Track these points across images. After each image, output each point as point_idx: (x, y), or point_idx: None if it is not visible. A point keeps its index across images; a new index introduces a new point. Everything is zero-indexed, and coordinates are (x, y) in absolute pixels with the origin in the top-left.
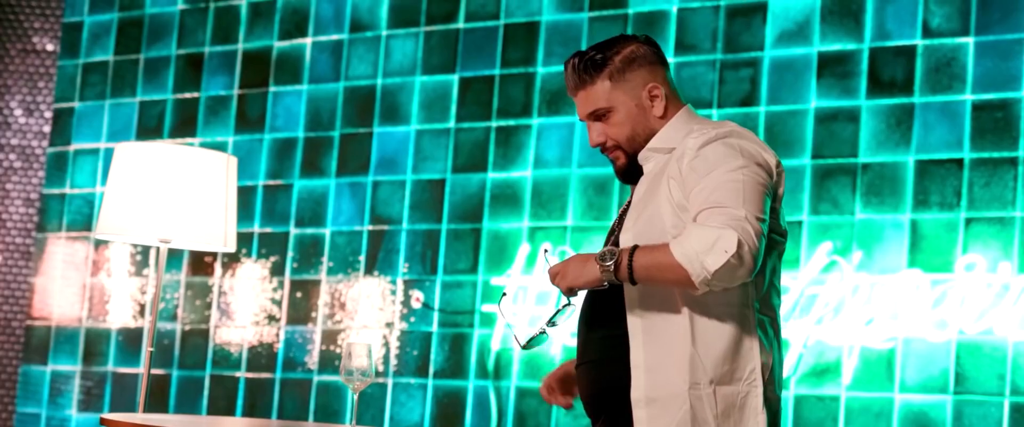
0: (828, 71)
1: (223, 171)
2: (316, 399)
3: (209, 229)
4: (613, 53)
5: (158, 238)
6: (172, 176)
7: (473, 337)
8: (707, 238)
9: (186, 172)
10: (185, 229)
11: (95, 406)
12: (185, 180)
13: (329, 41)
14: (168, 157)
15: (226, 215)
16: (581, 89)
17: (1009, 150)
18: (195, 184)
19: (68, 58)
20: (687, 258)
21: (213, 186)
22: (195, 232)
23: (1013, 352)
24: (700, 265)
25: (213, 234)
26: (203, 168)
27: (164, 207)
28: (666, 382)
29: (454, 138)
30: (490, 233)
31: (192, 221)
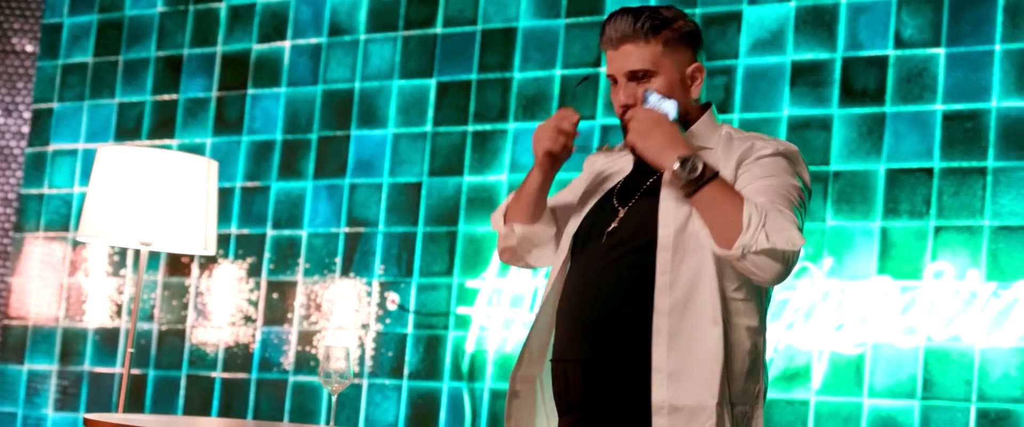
0: (801, 80)
1: (204, 175)
2: (292, 399)
3: (189, 232)
4: (675, 20)
5: (139, 241)
6: (153, 179)
7: (448, 339)
8: (782, 223)
9: (167, 175)
10: (166, 232)
11: (71, 405)
12: (166, 183)
13: (308, 44)
14: (150, 160)
15: (206, 218)
16: (631, 43)
17: (978, 160)
18: (176, 188)
19: (47, 59)
20: (751, 220)
21: (194, 190)
22: (175, 235)
23: (980, 359)
24: (760, 233)
25: (193, 237)
26: (184, 172)
27: (145, 210)
28: (694, 392)
29: (431, 142)
30: (466, 236)
31: (173, 224)
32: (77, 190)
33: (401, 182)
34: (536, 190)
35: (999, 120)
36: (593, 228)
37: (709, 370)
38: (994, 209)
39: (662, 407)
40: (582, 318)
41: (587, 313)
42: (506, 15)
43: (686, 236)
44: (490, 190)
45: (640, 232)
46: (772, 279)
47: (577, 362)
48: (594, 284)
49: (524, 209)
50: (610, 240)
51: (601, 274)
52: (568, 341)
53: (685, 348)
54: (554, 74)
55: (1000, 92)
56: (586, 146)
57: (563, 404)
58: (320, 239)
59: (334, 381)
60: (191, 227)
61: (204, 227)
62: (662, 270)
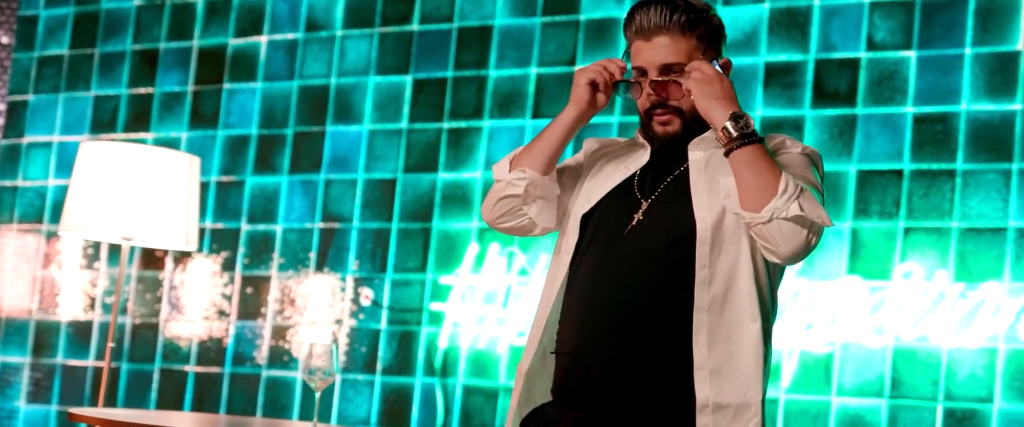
0: (774, 81)
1: (186, 171)
2: (265, 394)
3: (171, 227)
4: (708, 13)
5: (120, 236)
6: (135, 175)
7: (421, 335)
8: (815, 201)
9: (149, 171)
10: (147, 227)
11: (44, 398)
12: (148, 179)
13: (284, 40)
14: (131, 156)
15: (188, 214)
16: (666, 35)
17: (947, 162)
18: (158, 183)
19: (23, 51)
20: (788, 188)
21: (176, 185)
22: (157, 230)
23: (947, 358)
24: (793, 203)
25: (175, 232)
26: (166, 168)
27: (127, 205)
28: (738, 390)
29: (406, 138)
30: (440, 233)
31: (154, 219)
32: (52, 183)
33: (376, 178)
34: (566, 129)
35: (968, 123)
36: (611, 217)
37: (751, 367)
38: (962, 211)
39: (706, 405)
40: (611, 313)
41: (617, 308)
42: (482, 13)
43: (723, 229)
44: (465, 187)
45: (671, 225)
46: (791, 251)
47: (603, 357)
48: (624, 278)
49: (543, 153)
50: (635, 232)
51: (632, 268)
52: (592, 335)
53: (725, 345)
54: (529, 72)
55: (970, 95)
56: (627, 85)
57: (574, 398)
58: (295, 234)
59: (317, 378)
60: (172, 223)
61: (186, 223)
62: (701, 264)
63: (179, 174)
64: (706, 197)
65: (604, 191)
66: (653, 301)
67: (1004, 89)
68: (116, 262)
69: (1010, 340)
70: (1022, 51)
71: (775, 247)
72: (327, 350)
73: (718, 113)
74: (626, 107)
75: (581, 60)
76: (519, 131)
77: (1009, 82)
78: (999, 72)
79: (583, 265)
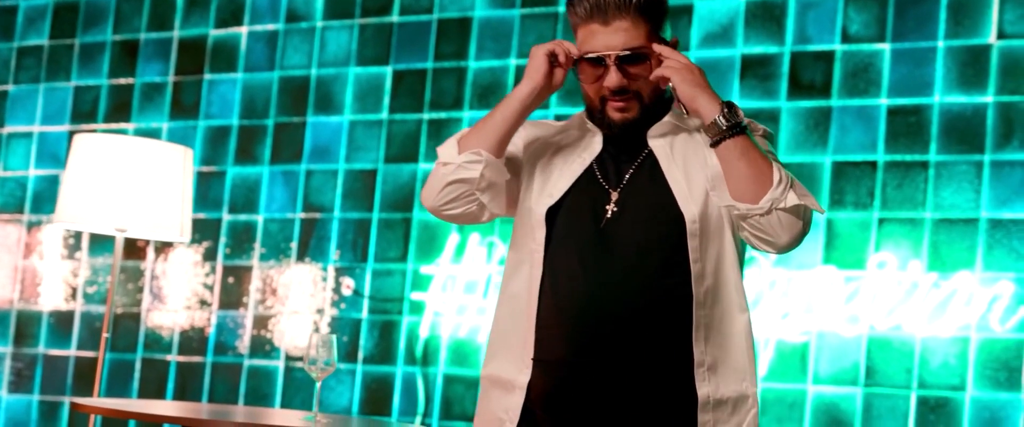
0: (750, 73)
1: (180, 163)
2: (246, 383)
3: (164, 219)
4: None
5: (114, 227)
6: (130, 166)
7: (402, 324)
8: (803, 188)
9: (144, 163)
10: (141, 218)
11: (26, 388)
12: (143, 171)
13: (265, 31)
14: (126, 148)
15: (182, 206)
16: (627, 18)
17: (921, 153)
18: (152, 175)
19: (2, 41)
20: (781, 177)
21: (170, 177)
22: (151, 221)
23: (920, 347)
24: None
25: (169, 224)
26: (161, 160)
27: (120, 196)
28: (733, 382)
29: (387, 129)
30: (420, 223)
31: (148, 211)
32: (32, 173)
33: (357, 168)
34: (522, 106)
35: (941, 115)
36: (583, 210)
37: (745, 358)
38: (935, 202)
39: (707, 402)
40: (606, 312)
41: (612, 307)
42: (462, 4)
43: (709, 220)
44: None
45: (654, 216)
46: (789, 240)
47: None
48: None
49: (495, 133)
50: (615, 224)
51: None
52: (586, 338)
53: (718, 338)
54: (509, 63)
55: (942, 87)
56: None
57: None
58: (276, 224)
59: (318, 368)
60: (165, 214)
61: (180, 214)
62: (694, 258)
63: (172, 166)
64: (686, 187)
65: (567, 183)
66: (651, 297)
67: (976, 81)
68: (97, 252)
69: (982, 329)
70: (993, 44)
71: (774, 238)
72: (327, 340)
73: (706, 103)
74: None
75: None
76: None
77: (981, 75)
78: (971, 65)
79: (559, 262)
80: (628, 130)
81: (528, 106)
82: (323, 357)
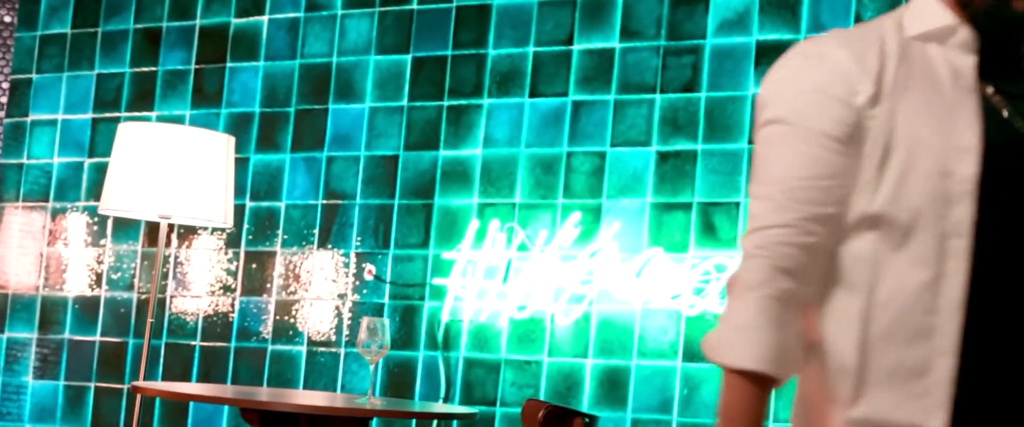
0: (766, 60)
1: (223, 150)
2: (270, 368)
3: (208, 205)
4: None
5: (158, 214)
6: (173, 154)
7: (423, 309)
8: None
9: (188, 151)
10: (185, 205)
11: (51, 373)
12: (186, 158)
13: (285, 19)
14: (170, 136)
15: (225, 192)
16: None
17: None
18: (195, 162)
19: (25, 30)
20: None
21: (213, 164)
22: (195, 208)
23: None
24: None
25: (212, 210)
26: (203, 147)
27: (165, 184)
28: None
29: (407, 116)
30: (441, 209)
31: (192, 198)
32: (56, 160)
33: (378, 155)
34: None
35: None
36: (1008, 170)
37: None
38: None
39: None
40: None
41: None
42: None
43: None
44: (465, 164)
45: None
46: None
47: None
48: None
49: None
50: None
51: None
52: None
53: None
54: (527, 51)
55: None
56: None
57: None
58: (298, 211)
59: (373, 351)
60: (210, 200)
61: (223, 201)
62: None
63: (216, 153)
64: None
65: (973, 131)
66: None
67: None
68: (122, 239)
69: None
70: None
71: None
72: (379, 324)
73: None
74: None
75: (577, 39)
76: (517, 108)
77: None
78: None
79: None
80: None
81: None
82: (377, 341)
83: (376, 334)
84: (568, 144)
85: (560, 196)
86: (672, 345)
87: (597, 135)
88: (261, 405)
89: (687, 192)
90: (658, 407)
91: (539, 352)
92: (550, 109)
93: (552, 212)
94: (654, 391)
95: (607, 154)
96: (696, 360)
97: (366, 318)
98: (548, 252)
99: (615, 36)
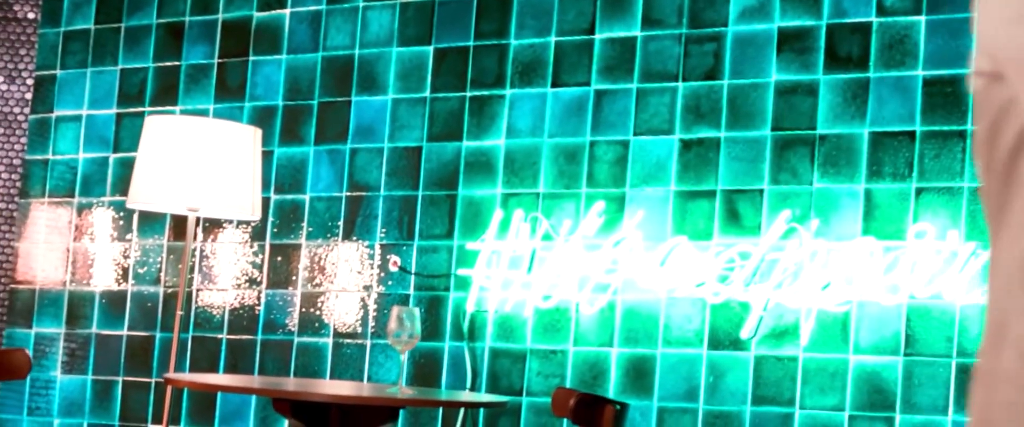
0: (788, 46)
1: (250, 143)
2: (296, 360)
3: (235, 198)
4: None
5: (186, 207)
6: (200, 147)
7: (448, 300)
8: None
9: (214, 144)
10: (213, 198)
11: (79, 368)
12: (213, 152)
13: (307, 12)
14: (196, 129)
15: (252, 185)
16: None
17: (958, 124)
18: (223, 155)
19: (49, 26)
20: None
21: (240, 157)
22: (222, 201)
23: (960, 315)
24: None
25: (240, 203)
26: (231, 140)
27: (193, 177)
28: None
29: (429, 107)
30: (465, 199)
31: (220, 190)
32: (81, 156)
33: (401, 147)
34: None
35: None
36: None
37: None
38: (973, 171)
39: None
40: None
41: None
42: None
43: None
44: (488, 154)
45: None
46: None
47: None
48: None
49: None
50: None
51: None
52: None
53: None
54: (549, 41)
55: None
56: None
57: None
58: (322, 203)
59: (403, 340)
60: (238, 193)
61: (251, 193)
62: None
63: (243, 145)
64: None
65: None
66: None
67: None
68: (147, 233)
69: None
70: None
71: None
72: (409, 313)
73: None
74: None
75: (599, 28)
76: (540, 98)
77: None
78: None
79: None
80: None
81: None
82: (408, 330)
83: (406, 323)
84: (591, 133)
85: (584, 185)
86: (697, 333)
87: (620, 124)
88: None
89: (711, 180)
90: (684, 395)
91: (564, 341)
92: (573, 98)
93: (576, 201)
94: (680, 379)
95: (630, 143)
96: (721, 348)
97: (396, 307)
98: (572, 241)
99: (637, 25)
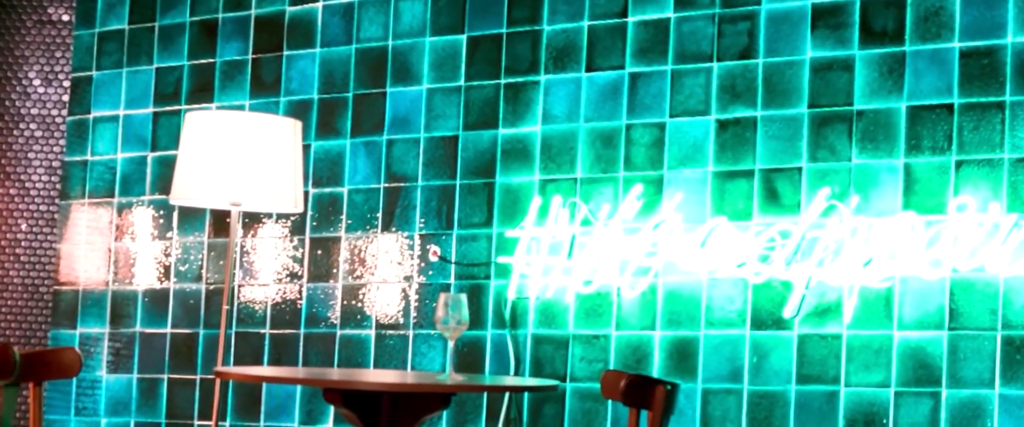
0: (822, 23)
1: (290, 136)
2: (339, 352)
3: (277, 191)
4: None
5: (229, 201)
6: (241, 142)
7: (489, 288)
8: None
9: (255, 137)
10: (255, 192)
11: (125, 367)
12: (254, 145)
13: (340, 4)
14: (237, 123)
15: (294, 178)
16: None
17: (996, 95)
18: (264, 149)
19: (84, 28)
20: None
21: (281, 150)
22: (265, 195)
23: (1004, 288)
24: None
25: (283, 196)
26: (271, 133)
27: (234, 171)
28: None
29: (464, 96)
30: (502, 187)
31: (261, 184)
32: (120, 156)
33: (437, 136)
34: None
35: (1015, 55)
36: None
37: None
38: (1012, 142)
39: None
40: None
41: None
42: None
43: None
44: (524, 141)
45: None
46: None
47: None
48: None
49: None
50: None
51: None
52: None
53: None
54: (582, 25)
55: (1015, 28)
56: None
57: None
58: (361, 195)
59: (451, 327)
60: (280, 186)
61: (293, 186)
62: None
63: (284, 139)
64: None
65: None
66: None
67: None
68: (188, 231)
69: None
70: None
71: None
72: (456, 299)
73: None
74: None
75: (632, 11)
76: (575, 83)
77: None
78: None
79: None
80: None
81: None
82: (455, 316)
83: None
84: (627, 117)
85: (621, 169)
86: (740, 313)
87: (655, 106)
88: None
89: (748, 159)
90: (728, 376)
91: (607, 326)
92: (607, 82)
93: (614, 185)
94: (723, 360)
95: (666, 125)
96: (764, 328)
97: (443, 294)
98: (611, 226)
99: (669, 6)
